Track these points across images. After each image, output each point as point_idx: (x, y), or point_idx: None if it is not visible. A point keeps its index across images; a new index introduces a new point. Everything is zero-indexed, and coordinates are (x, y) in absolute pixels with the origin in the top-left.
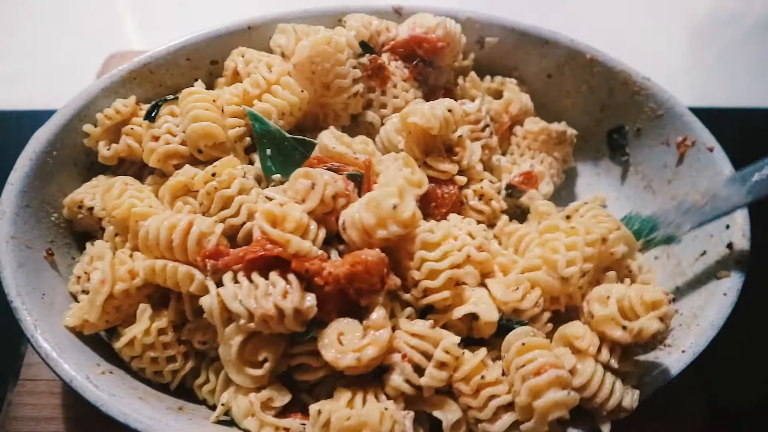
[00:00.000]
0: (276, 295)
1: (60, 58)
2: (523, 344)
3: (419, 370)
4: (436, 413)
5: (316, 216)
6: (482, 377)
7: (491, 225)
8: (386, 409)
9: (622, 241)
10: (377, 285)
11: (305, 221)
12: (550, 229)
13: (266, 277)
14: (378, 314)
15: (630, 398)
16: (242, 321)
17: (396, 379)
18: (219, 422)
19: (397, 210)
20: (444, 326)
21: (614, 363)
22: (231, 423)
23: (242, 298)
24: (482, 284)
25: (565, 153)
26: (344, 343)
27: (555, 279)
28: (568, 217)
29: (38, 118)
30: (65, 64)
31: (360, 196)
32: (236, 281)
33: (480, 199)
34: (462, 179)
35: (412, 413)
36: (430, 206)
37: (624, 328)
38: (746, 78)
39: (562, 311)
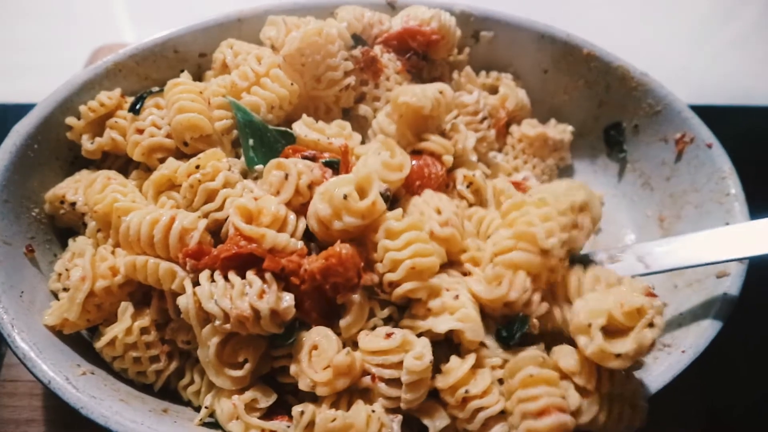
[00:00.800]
0: (252, 295)
1: (48, 51)
2: (531, 376)
3: (397, 381)
4: (424, 420)
5: (294, 207)
6: (466, 391)
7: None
8: (373, 411)
9: (593, 206)
10: (353, 279)
11: (282, 213)
12: (516, 206)
13: (243, 276)
14: (346, 321)
15: (639, 418)
16: (218, 322)
17: (379, 399)
18: (204, 425)
19: (349, 200)
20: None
21: (619, 389)
22: (216, 425)
23: (217, 298)
24: (465, 273)
25: (560, 158)
26: (313, 359)
27: (535, 254)
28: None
29: (23, 111)
30: (53, 58)
31: None
32: (213, 280)
33: (468, 187)
34: (449, 159)
35: (400, 417)
36: (414, 185)
37: (619, 355)
38: (743, 76)
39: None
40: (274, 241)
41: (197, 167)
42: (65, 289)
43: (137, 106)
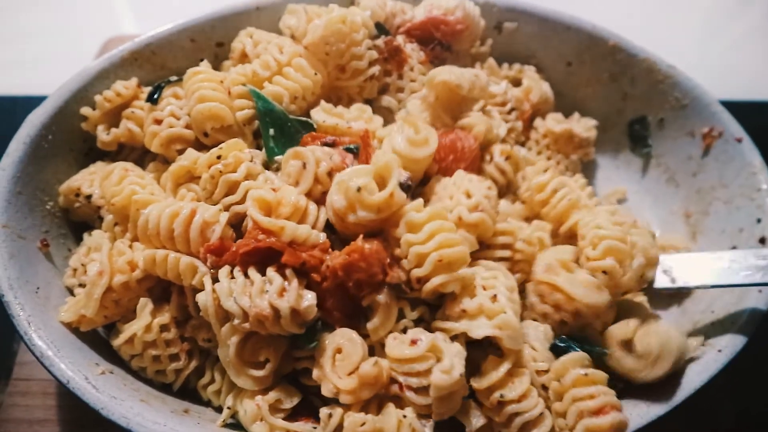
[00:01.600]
0: (272, 293)
1: (54, 43)
2: (586, 375)
3: (426, 389)
4: (460, 418)
5: (315, 197)
6: (501, 396)
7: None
8: (405, 416)
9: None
10: (378, 276)
11: (302, 204)
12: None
13: (264, 273)
14: (374, 323)
15: None
16: (237, 321)
17: (410, 406)
18: (226, 426)
19: (362, 193)
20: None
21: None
22: (238, 426)
23: (236, 296)
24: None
25: (584, 154)
26: (337, 363)
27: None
28: None
29: (32, 103)
30: (60, 50)
31: None
32: (233, 277)
33: (506, 160)
34: (480, 130)
35: (432, 422)
36: (447, 160)
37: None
38: (757, 70)
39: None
40: (294, 233)
41: (218, 158)
42: (81, 285)
43: (155, 96)
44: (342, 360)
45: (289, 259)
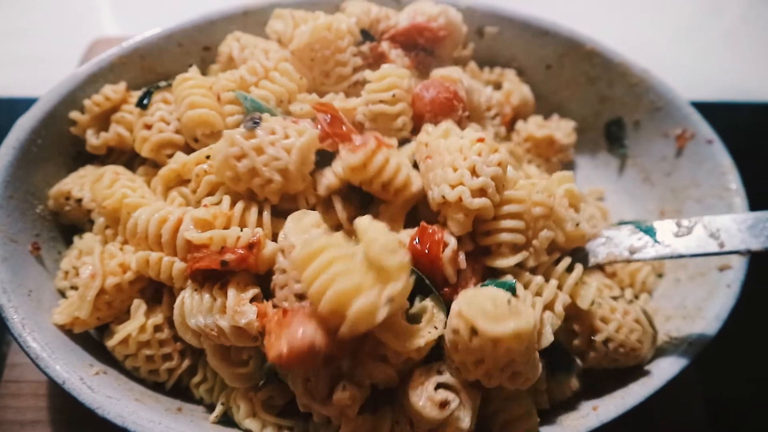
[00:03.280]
0: (215, 312)
1: (37, 44)
2: None
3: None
4: None
5: (248, 194)
6: None
7: None
8: (397, 422)
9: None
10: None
11: (236, 212)
12: None
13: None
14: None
15: None
16: (201, 337)
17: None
18: (219, 422)
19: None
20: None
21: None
22: (230, 423)
23: (191, 315)
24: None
25: (563, 156)
26: (311, 389)
27: None
28: None
29: (16, 105)
30: (42, 51)
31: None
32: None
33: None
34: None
35: None
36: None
37: None
38: (732, 71)
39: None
40: (223, 240)
41: (207, 157)
42: (73, 288)
43: (144, 101)
44: (314, 387)
45: (209, 264)
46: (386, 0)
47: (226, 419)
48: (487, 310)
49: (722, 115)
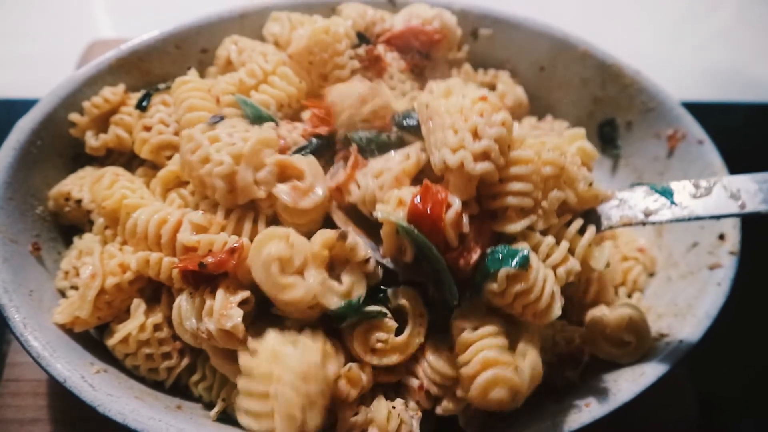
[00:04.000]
0: (204, 315)
1: (33, 46)
2: None
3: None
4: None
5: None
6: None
7: None
8: (394, 408)
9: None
10: None
11: (220, 219)
12: None
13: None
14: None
15: None
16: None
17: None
18: (218, 419)
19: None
20: None
21: None
22: (230, 420)
23: (187, 317)
24: None
25: None
26: None
27: None
28: None
29: (12, 106)
30: (38, 53)
31: None
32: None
33: None
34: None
35: (420, 414)
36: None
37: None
38: (725, 71)
39: None
40: (210, 244)
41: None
42: (73, 287)
43: (144, 104)
44: None
45: (187, 265)
46: (381, 2)
47: (224, 416)
48: None
49: (713, 116)
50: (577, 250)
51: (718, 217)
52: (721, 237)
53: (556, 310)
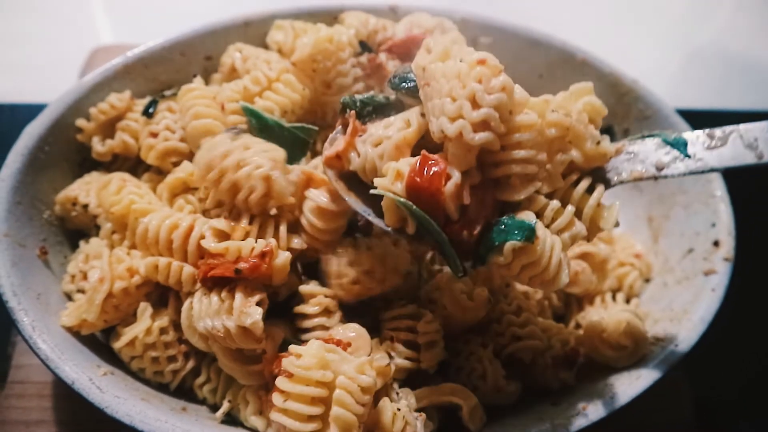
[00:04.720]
0: (222, 314)
1: (36, 52)
2: None
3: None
4: (455, 400)
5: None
6: None
7: None
8: (399, 410)
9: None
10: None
11: (254, 227)
12: None
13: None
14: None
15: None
16: (208, 340)
17: (399, 362)
18: (223, 422)
19: None
20: None
21: None
22: (235, 422)
23: (199, 318)
24: None
25: None
26: None
27: None
28: None
29: (16, 111)
30: (41, 59)
31: None
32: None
33: None
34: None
35: (423, 415)
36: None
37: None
38: (715, 80)
39: None
40: (239, 251)
41: None
42: (80, 291)
43: (150, 110)
44: None
45: (223, 272)
46: (383, 11)
47: (229, 418)
48: None
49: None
50: (585, 210)
51: (733, 168)
52: (716, 244)
53: (564, 278)
